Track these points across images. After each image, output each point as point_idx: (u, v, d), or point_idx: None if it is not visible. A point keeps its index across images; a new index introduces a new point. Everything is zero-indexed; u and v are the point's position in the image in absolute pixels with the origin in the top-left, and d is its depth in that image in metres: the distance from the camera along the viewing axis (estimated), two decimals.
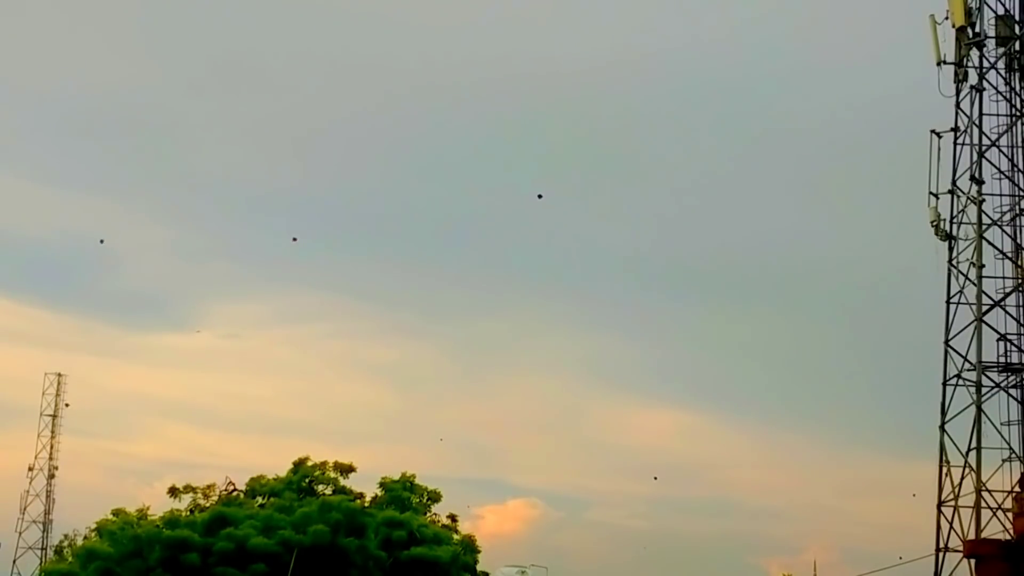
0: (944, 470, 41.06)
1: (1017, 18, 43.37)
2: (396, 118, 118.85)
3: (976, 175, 42.23)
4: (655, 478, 78.74)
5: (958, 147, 42.88)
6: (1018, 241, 42.12)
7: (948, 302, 42.15)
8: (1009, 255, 41.82)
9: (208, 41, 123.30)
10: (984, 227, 41.83)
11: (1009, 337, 41.34)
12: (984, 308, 41.21)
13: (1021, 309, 41.72)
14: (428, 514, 50.37)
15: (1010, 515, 39.38)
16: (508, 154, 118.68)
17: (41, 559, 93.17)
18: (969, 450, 40.43)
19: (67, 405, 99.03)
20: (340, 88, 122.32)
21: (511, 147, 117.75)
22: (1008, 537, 39.14)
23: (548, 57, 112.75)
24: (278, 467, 51.37)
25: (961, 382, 41.34)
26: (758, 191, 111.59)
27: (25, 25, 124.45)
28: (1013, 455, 40.34)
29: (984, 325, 41.16)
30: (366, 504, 48.64)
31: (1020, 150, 42.69)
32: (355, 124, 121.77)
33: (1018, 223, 42.32)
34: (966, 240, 42.22)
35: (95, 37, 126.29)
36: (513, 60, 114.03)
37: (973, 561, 39.33)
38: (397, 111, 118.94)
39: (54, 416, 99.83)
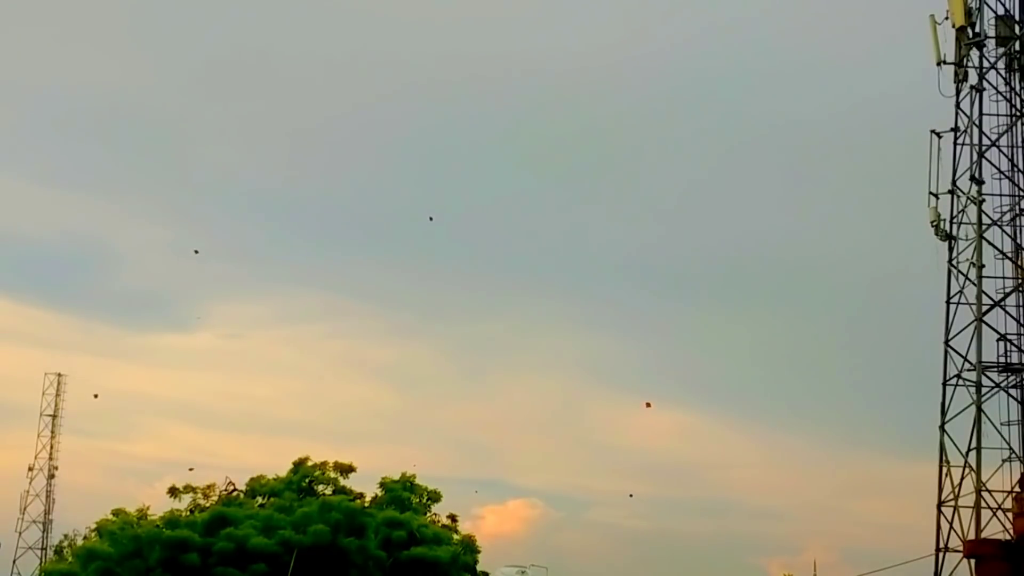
0: (944, 470, 41.05)
1: (1017, 18, 43.36)
2: (394, 117, 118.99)
3: (976, 175, 42.22)
4: (631, 495, 79.52)
5: (958, 147, 42.90)
6: (1018, 241, 42.11)
7: (948, 302, 42.15)
8: (1009, 255, 41.82)
9: (206, 41, 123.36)
10: (984, 227, 41.82)
11: (1009, 337, 41.33)
12: (984, 308, 41.21)
13: (1021, 309, 41.71)
14: (428, 514, 50.37)
15: (1010, 515, 39.37)
16: (507, 153, 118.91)
17: (41, 559, 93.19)
18: (969, 450, 40.43)
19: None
20: (339, 86, 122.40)
21: (510, 146, 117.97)
22: (1008, 537, 39.13)
23: (546, 55, 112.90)
24: (278, 467, 51.47)
25: (961, 382, 41.33)
26: (758, 191, 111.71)
27: (24, 25, 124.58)
28: (1013, 455, 40.34)
29: (984, 325, 41.15)
30: (366, 504, 48.65)
31: (1020, 150, 42.69)
32: (354, 122, 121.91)
33: (1018, 223, 42.32)
34: (966, 240, 42.21)
35: (94, 38, 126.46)
36: (511, 58, 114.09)
37: (973, 561, 39.33)
38: (395, 110, 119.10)
39: (54, 416, 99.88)
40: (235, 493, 49.97)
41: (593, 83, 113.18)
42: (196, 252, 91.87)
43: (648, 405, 69.92)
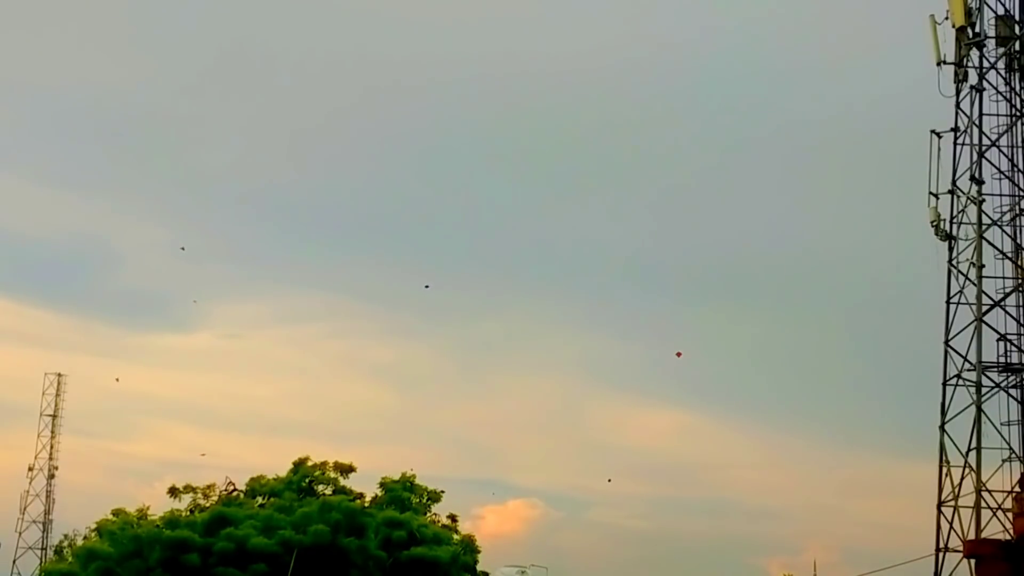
0: (944, 470, 41.03)
1: (1017, 18, 43.33)
2: (394, 117, 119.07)
3: (976, 175, 42.20)
4: (609, 480, 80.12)
5: (958, 147, 42.86)
6: (1018, 241, 42.10)
7: (948, 302, 42.13)
8: (1009, 255, 41.80)
9: (206, 40, 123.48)
10: (984, 227, 41.81)
11: (1009, 337, 41.31)
12: (984, 308, 41.19)
13: (1021, 309, 41.69)
14: (428, 514, 50.38)
15: (1010, 515, 39.36)
16: (507, 153, 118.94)
17: (41, 559, 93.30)
18: (969, 450, 40.41)
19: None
20: (339, 85, 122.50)
21: (510, 146, 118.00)
22: (1008, 537, 39.12)
23: (545, 55, 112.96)
24: (278, 467, 51.52)
25: (961, 382, 41.30)
26: (758, 191, 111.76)
27: (25, 25, 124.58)
28: (1013, 455, 40.31)
29: (984, 325, 41.13)
30: (366, 504, 48.66)
31: (1020, 150, 42.66)
32: (354, 123, 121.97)
33: (1018, 223, 42.30)
34: (966, 240, 42.18)
35: (94, 38, 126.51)
36: (510, 58, 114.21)
37: (973, 561, 39.32)
38: (395, 110, 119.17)
39: (54, 416, 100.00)
40: (235, 493, 49.99)
41: (593, 83, 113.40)
42: (183, 249, 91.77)
43: (679, 355, 69.21)
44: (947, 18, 43.13)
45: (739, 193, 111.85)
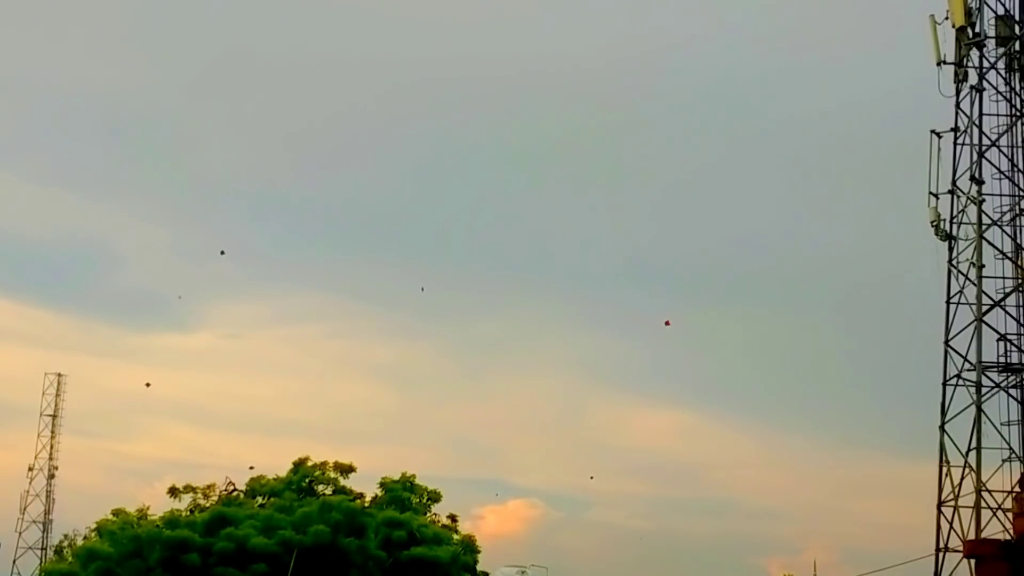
0: (944, 470, 41.08)
1: (1017, 18, 43.38)
2: (393, 117, 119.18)
3: (976, 175, 42.24)
4: (591, 477, 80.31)
5: (958, 147, 42.93)
6: (1018, 241, 42.12)
7: (948, 302, 42.17)
8: (1009, 255, 41.83)
9: (207, 41, 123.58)
10: (984, 227, 41.83)
11: (1009, 337, 41.35)
12: (984, 308, 41.22)
13: (1021, 309, 41.73)
14: (428, 514, 50.36)
15: (1010, 515, 39.39)
16: (506, 153, 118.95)
17: (41, 559, 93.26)
18: (969, 450, 40.45)
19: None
20: (337, 86, 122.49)
21: (509, 146, 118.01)
22: (1008, 537, 39.15)
23: (544, 55, 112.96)
24: (278, 467, 51.47)
25: (961, 382, 41.35)
26: (758, 191, 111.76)
27: (24, 25, 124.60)
28: (1013, 455, 40.35)
29: (984, 325, 41.17)
30: (366, 504, 48.64)
31: (1020, 150, 42.70)
32: (353, 123, 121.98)
33: (1018, 223, 42.33)
34: (966, 240, 42.23)
35: (94, 38, 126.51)
36: (509, 58, 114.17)
37: (973, 561, 39.34)
38: (394, 110, 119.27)
39: (54, 416, 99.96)
40: (235, 493, 49.97)
41: (592, 83, 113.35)
42: (223, 253, 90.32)
43: (667, 323, 68.42)
44: (947, 18, 43.18)
45: (739, 193, 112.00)
